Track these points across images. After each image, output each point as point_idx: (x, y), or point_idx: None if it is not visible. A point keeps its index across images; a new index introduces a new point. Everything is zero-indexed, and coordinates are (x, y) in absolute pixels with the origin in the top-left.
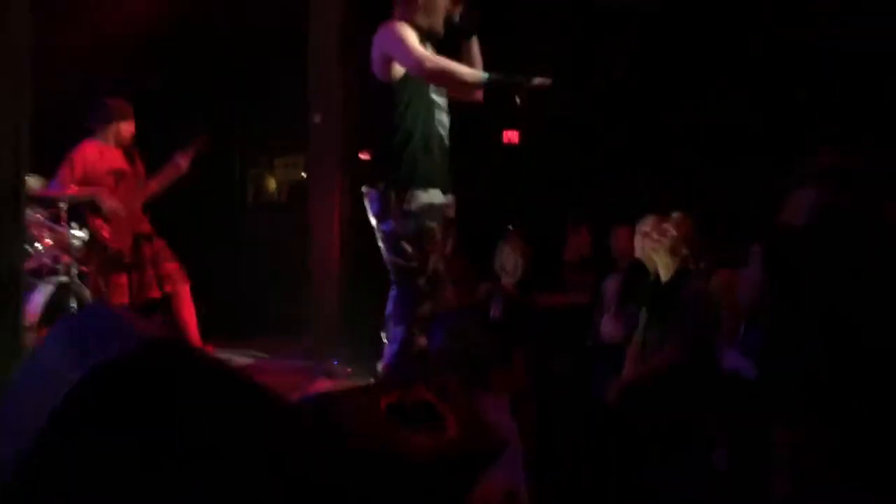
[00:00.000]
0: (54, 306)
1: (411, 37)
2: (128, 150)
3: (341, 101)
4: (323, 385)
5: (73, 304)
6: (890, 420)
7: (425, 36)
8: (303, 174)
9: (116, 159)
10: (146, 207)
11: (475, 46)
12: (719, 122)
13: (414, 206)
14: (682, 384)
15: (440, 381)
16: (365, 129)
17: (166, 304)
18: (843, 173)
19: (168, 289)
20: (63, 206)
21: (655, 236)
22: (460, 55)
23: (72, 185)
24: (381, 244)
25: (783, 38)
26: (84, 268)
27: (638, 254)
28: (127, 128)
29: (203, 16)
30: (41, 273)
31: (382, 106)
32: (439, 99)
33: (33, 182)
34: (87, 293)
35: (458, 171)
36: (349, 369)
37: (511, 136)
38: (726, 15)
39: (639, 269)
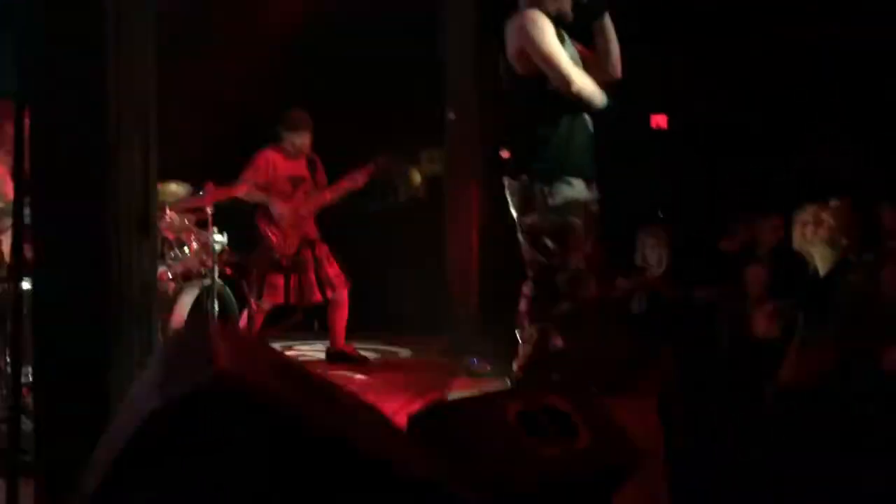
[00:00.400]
0: (199, 309)
1: (554, 46)
2: (310, 159)
3: (476, 96)
4: (460, 384)
5: (216, 307)
6: None
7: (555, 21)
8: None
9: (297, 167)
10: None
11: (608, 25)
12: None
13: (558, 200)
14: (844, 388)
15: (575, 384)
16: (503, 124)
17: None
18: None
19: (329, 293)
20: (209, 210)
21: (812, 227)
22: (592, 36)
23: (249, 185)
24: (520, 238)
25: None
26: (228, 270)
27: (796, 245)
28: (302, 139)
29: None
30: (188, 276)
31: (523, 95)
32: None
33: (180, 189)
34: (230, 295)
35: (602, 156)
36: (489, 367)
37: (659, 120)
38: None
39: (785, 258)
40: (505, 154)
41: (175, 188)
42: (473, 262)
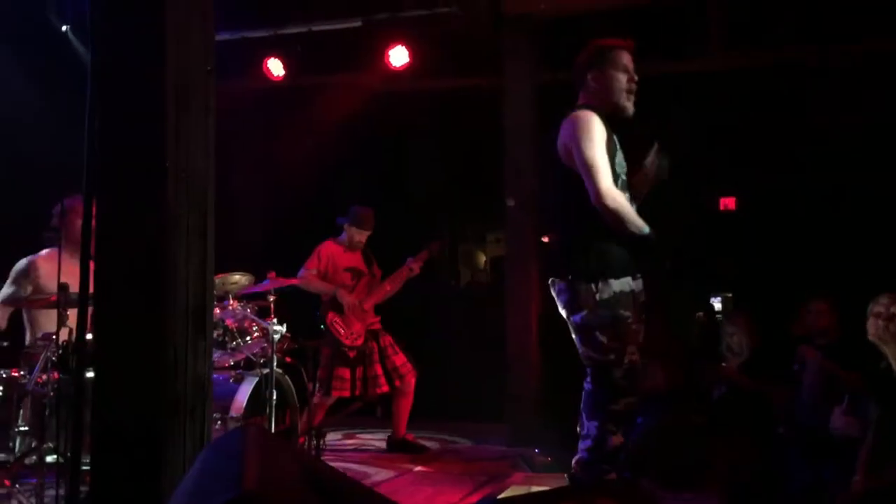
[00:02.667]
0: (258, 397)
1: (596, 153)
2: (365, 251)
3: (535, 185)
4: (517, 478)
5: (275, 395)
6: None
7: (608, 118)
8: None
9: (355, 259)
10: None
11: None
12: None
13: (606, 295)
14: None
15: (628, 484)
16: (555, 215)
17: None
18: None
19: (397, 383)
20: (271, 298)
21: (881, 322)
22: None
23: (312, 273)
24: (573, 336)
25: None
26: (288, 359)
27: (871, 337)
28: (358, 235)
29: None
30: (249, 365)
31: (568, 192)
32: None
33: (243, 279)
34: (289, 384)
35: (673, 239)
36: (549, 458)
37: (727, 202)
38: None
39: (840, 351)
40: (546, 239)
41: (238, 278)
42: (533, 349)
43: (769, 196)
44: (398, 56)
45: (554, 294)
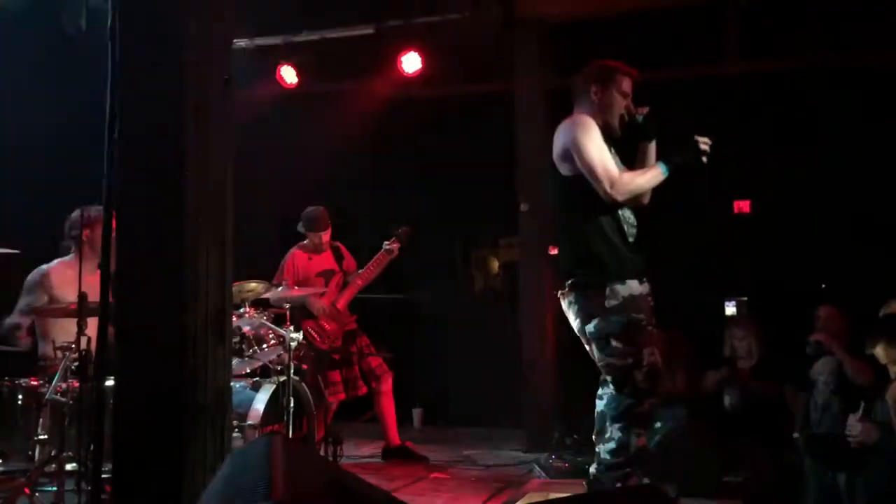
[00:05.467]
0: (275, 404)
1: (597, 151)
2: (334, 248)
3: (547, 190)
4: (534, 485)
5: (292, 403)
6: None
7: (602, 131)
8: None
9: (324, 261)
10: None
11: (652, 149)
12: None
13: (615, 301)
14: None
15: (650, 490)
16: (557, 223)
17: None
18: None
19: (373, 384)
20: (287, 306)
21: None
22: (635, 154)
23: (282, 288)
24: (587, 347)
25: None
26: (304, 366)
27: None
28: (316, 238)
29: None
30: (266, 373)
31: (567, 198)
32: None
33: (258, 287)
34: (305, 391)
35: (687, 243)
36: (565, 464)
37: (742, 205)
38: None
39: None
40: (553, 250)
41: (254, 285)
42: (549, 354)
43: (784, 199)
44: (410, 62)
45: (564, 307)
